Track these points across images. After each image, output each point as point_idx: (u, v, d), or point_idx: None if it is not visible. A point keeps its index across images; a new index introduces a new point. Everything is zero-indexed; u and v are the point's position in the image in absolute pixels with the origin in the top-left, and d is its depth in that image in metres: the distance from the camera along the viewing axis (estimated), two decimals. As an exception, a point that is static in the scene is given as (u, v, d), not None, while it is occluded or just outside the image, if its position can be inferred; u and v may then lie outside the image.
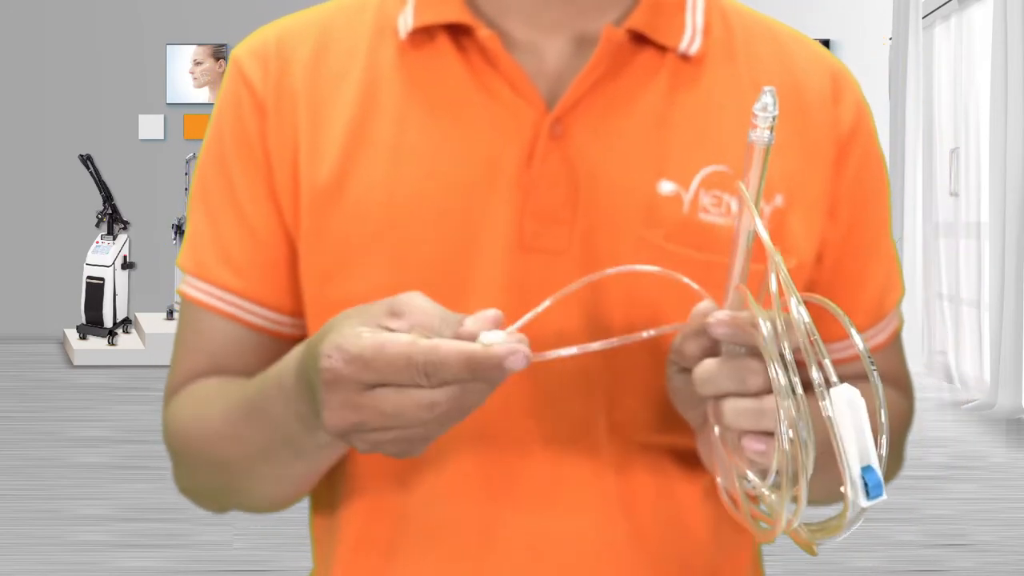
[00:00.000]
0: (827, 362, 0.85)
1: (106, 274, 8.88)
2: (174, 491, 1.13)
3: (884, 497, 0.85)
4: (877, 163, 1.10)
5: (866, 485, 0.85)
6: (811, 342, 0.86)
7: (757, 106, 0.88)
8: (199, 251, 1.08)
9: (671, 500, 1.03)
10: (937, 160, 9.01)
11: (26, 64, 10.12)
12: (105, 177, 9.16)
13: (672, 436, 1.02)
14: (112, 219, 9.04)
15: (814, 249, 1.06)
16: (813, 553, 0.92)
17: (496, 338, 0.85)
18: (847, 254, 1.09)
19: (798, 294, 0.86)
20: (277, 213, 1.05)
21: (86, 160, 9.07)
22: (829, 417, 0.85)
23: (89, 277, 8.95)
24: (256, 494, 1.06)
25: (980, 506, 5.34)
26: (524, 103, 1.01)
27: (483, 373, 0.84)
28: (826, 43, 10.10)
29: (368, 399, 0.86)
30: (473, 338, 0.85)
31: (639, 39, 1.03)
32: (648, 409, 1.01)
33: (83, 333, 8.98)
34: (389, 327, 0.86)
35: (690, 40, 1.04)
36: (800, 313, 0.86)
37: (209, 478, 1.08)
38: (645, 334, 0.91)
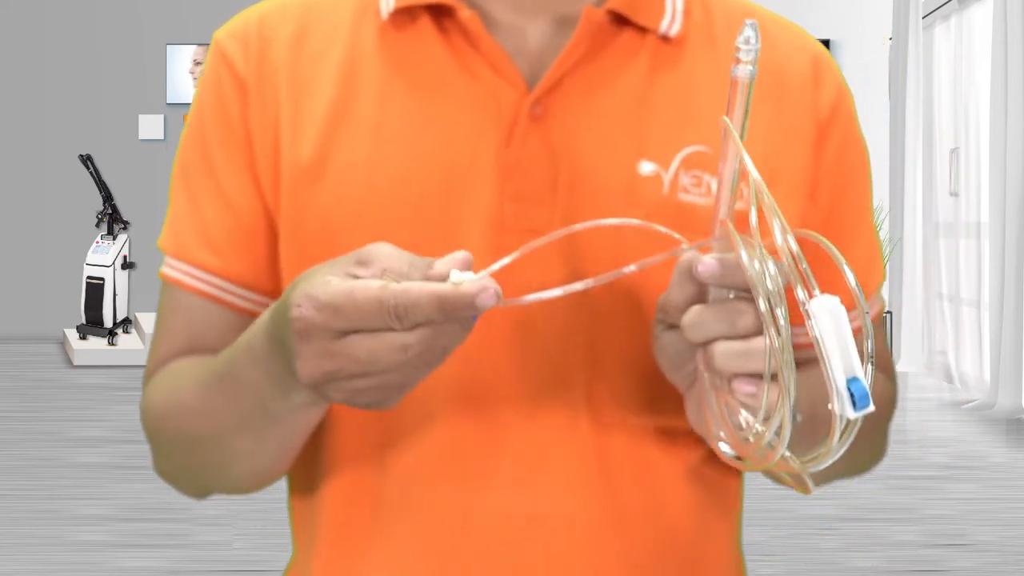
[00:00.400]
0: (812, 281, 0.85)
1: (106, 274, 8.88)
2: (174, 491, 1.13)
3: (871, 408, 0.83)
4: (857, 146, 1.11)
5: (852, 396, 0.83)
6: (795, 262, 0.85)
7: (740, 39, 0.88)
8: (179, 232, 1.08)
9: (653, 482, 1.03)
10: (937, 160, 9.02)
11: (26, 64, 10.12)
12: (105, 177, 9.16)
13: (654, 416, 1.02)
14: (112, 219, 9.04)
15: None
16: (807, 490, 0.91)
17: (466, 277, 0.85)
18: (827, 236, 1.08)
19: (783, 219, 0.85)
20: (258, 193, 1.05)
21: (86, 160, 9.07)
22: (815, 337, 0.84)
23: (89, 277, 8.95)
24: (234, 471, 1.05)
25: (980, 506, 5.34)
26: (505, 84, 1.01)
27: (455, 312, 0.84)
28: (826, 43, 10.10)
29: (341, 346, 0.86)
30: (443, 279, 0.85)
31: (619, 20, 1.03)
32: (630, 389, 1.02)
33: (83, 333, 8.99)
34: (357, 275, 0.86)
35: (670, 22, 1.05)
36: (787, 240, 0.85)
37: (186, 457, 1.08)
38: (627, 269, 0.90)
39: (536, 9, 1.04)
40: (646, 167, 1.01)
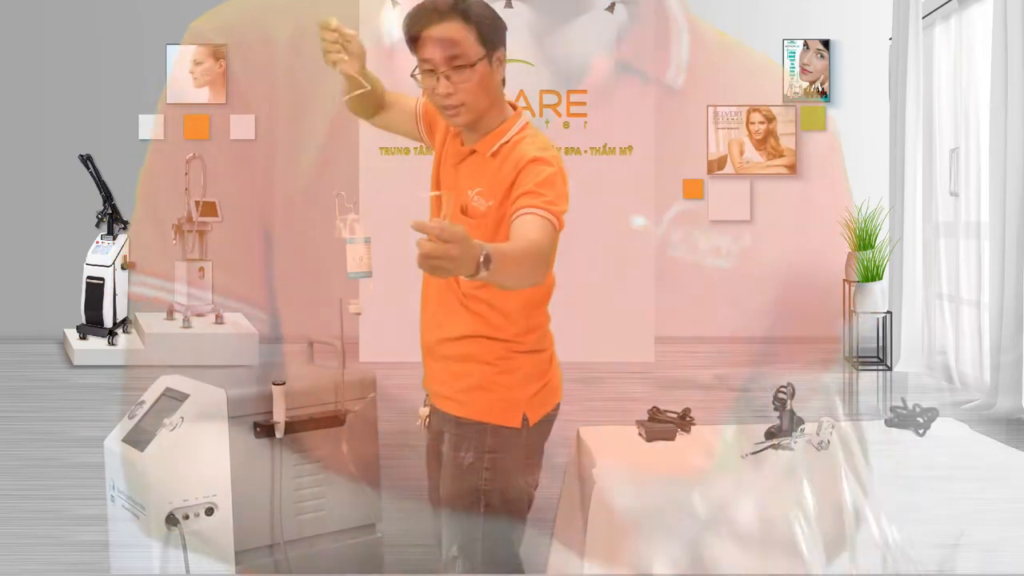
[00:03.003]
0: None
1: (106, 274, 8.88)
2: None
3: None
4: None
5: None
6: None
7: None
8: None
9: None
10: (937, 160, 9.02)
11: (26, 64, 10.12)
12: (105, 177, 9.15)
13: None
14: (112, 219, 9.04)
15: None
16: None
17: None
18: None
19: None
20: None
21: (86, 160, 9.07)
22: None
23: (89, 277, 8.95)
24: None
25: (980, 506, 5.33)
26: None
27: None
28: (826, 43, 10.10)
29: None
30: None
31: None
32: None
33: (83, 333, 8.98)
34: None
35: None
36: None
37: None
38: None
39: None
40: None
